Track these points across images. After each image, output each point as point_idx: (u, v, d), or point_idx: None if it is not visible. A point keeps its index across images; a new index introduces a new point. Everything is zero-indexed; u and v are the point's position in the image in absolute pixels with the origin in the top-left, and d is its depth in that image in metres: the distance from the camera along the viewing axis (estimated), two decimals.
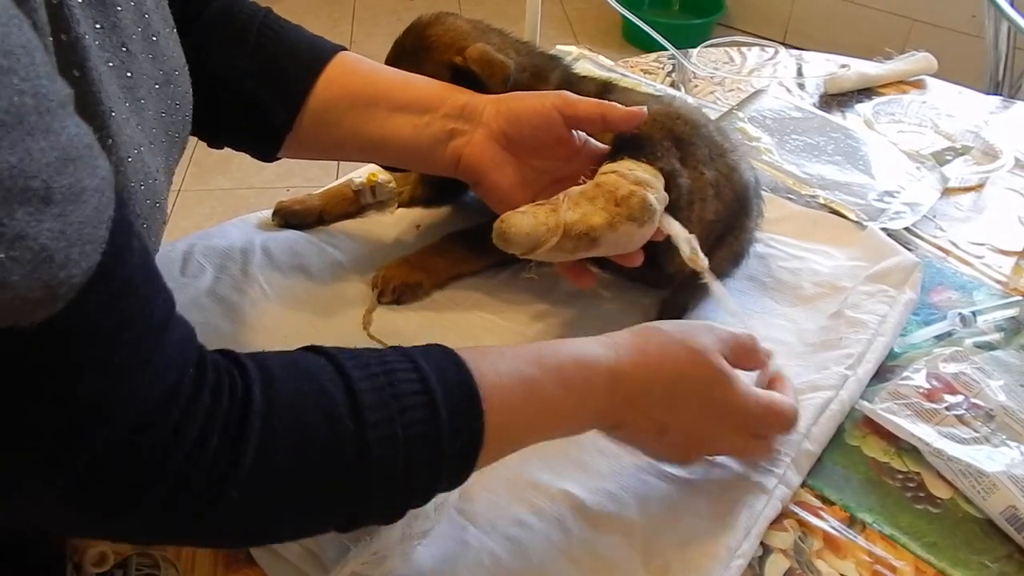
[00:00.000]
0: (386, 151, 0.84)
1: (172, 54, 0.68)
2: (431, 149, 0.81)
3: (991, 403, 0.78)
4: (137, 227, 0.48)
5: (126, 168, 0.55)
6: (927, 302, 0.92)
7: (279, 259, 0.93)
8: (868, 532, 0.70)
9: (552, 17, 3.64)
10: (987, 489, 0.70)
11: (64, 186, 0.40)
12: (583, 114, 0.79)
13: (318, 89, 0.81)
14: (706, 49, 1.42)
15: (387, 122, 0.81)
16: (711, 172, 0.81)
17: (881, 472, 0.75)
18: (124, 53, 0.59)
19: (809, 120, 1.22)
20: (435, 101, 0.82)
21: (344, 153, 0.88)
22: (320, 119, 0.82)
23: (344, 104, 0.82)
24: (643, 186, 0.73)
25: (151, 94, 0.63)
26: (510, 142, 0.80)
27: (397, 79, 0.84)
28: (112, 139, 0.53)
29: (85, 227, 0.41)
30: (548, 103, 0.79)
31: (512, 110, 0.80)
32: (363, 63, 0.84)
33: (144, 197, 0.58)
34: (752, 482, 0.70)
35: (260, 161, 0.87)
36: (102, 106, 0.52)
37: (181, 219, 2.52)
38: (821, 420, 0.76)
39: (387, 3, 3.74)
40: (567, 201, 0.72)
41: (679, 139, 0.80)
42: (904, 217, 1.03)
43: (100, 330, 0.44)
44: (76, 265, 0.41)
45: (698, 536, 0.67)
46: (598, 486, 0.71)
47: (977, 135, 1.20)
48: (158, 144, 0.64)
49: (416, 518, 0.64)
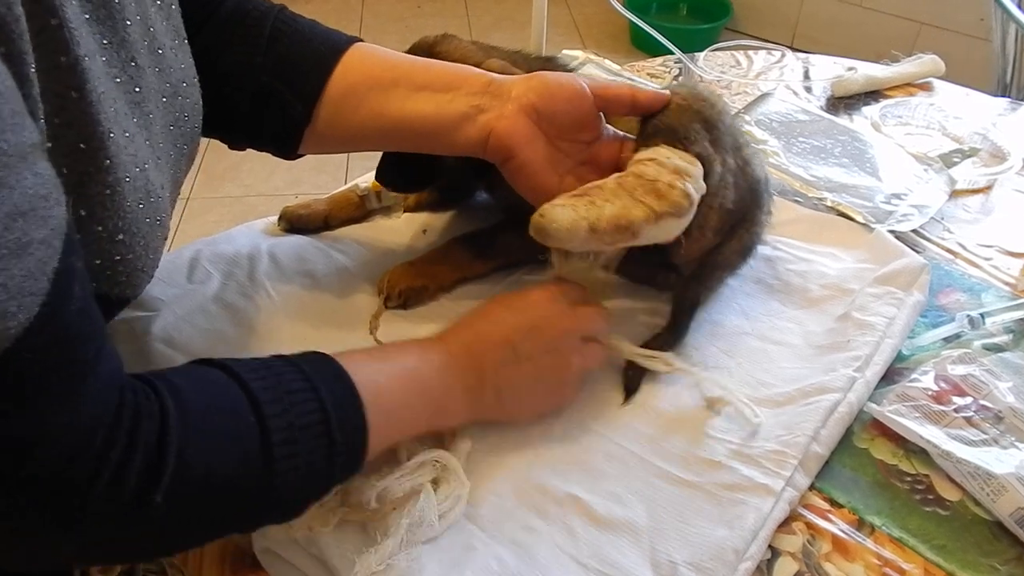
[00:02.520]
0: (409, 132, 0.80)
1: (180, 66, 0.68)
2: (457, 125, 0.77)
3: (1000, 405, 0.77)
4: (81, 271, 0.49)
5: (123, 188, 0.55)
6: (935, 304, 0.92)
7: (286, 265, 0.93)
8: (877, 535, 0.70)
9: (559, 22, 3.65)
10: (996, 491, 0.70)
11: (10, 240, 0.41)
12: (613, 94, 0.78)
13: (335, 79, 0.80)
14: (713, 53, 1.42)
15: (408, 101, 0.78)
16: (732, 160, 0.80)
17: (890, 474, 0.74)
18: (133, 68, 0.59)
19: (816, 123, 1.21)
20: (458, 79, 0.79)
21: (366, 139, 0.84)
22: (339, 107, 0.80)
23: (363, 88, 0.80)
24: (682, 176, 0.72)
25: (159, 107, 0.63)
26: (541, 118, 0.77)
27: (418, 61, 0.82)
28: (110, 159, 0.53)
29: (27, 280, 0.42)
30: (580, 86, 0.77)
31: (545, 84, 0.77)
32: (380, 50, 0.83)
33: (144, 215, 0.58)
34: (760, 484, 0.70)
35: (282, 159, 0.85)
36: (100, 127, 0.52)
37: (189, 227, 2.53)
38: (829, 422, 0.75)
39: (395, 10, 3.75)
40: (606, 192, 0.70)
41: (708, 122, 0.79)
42: (912, 219, 1.02)
43: (30, 375, 0.45)
44: (13, 317, 0.42)
45: (706, 539, 0.66)
46: (605, 489, 0.71)
47: (985, 137, 1.19)
48: (165, 158, 0.64)
49: (420, 526, 0.64)
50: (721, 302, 0.90)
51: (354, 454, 0.62)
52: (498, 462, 0.73)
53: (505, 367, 0.72)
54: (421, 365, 0.69)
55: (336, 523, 0.65)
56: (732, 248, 0.85)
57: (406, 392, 0.67)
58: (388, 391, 0.65)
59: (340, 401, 0.61)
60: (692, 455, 0.73)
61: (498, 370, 0.72)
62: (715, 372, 0.82)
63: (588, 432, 0.76)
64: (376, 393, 0.63)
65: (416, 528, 0.64)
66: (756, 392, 0.79)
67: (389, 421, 0.65)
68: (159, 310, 0.84)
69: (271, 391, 0.58)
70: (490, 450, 0.74)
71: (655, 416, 0.77)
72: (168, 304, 0.85)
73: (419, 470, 0.67)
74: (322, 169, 2.75)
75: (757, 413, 0.75)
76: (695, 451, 0.74)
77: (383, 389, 0.65)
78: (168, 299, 0.86)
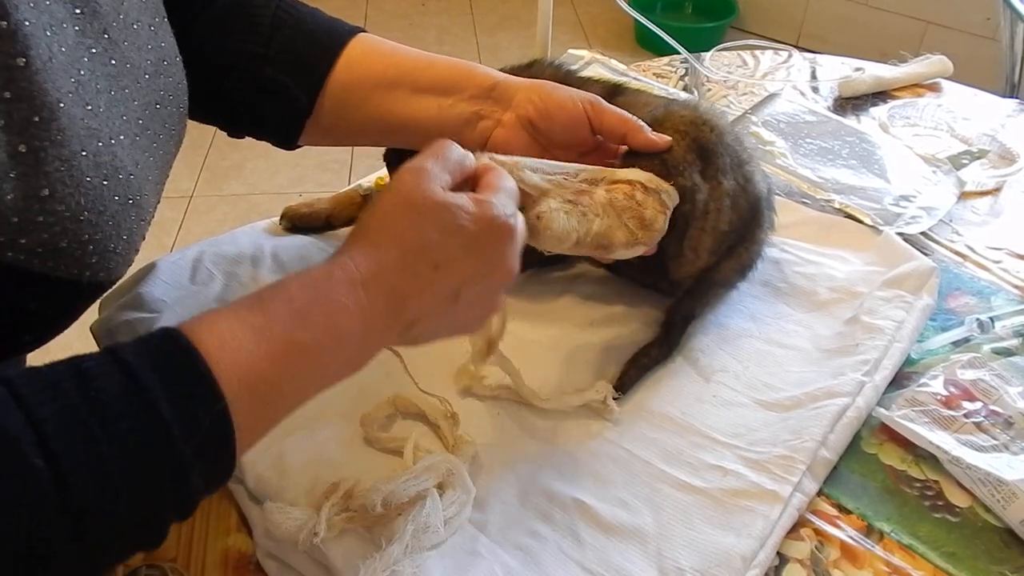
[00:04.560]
0: (410, 133, 0.81)
1: (160, 44, 0.66)
2: (457, 131, 0.78)
3: (1010, 410, 0.76)
4: None
5: (80, 163, 0.53)
6: (944, 307, 0.91)
7: (289, 266, 0.92)
8: (886, 541, 0.69)
9: (564, 21, 3.64)
10: (1007, 498, 0.69)
11: None
12: (607, 125, 0.77)
13: (338, 71, 0.79)
14: (719, 53, 1.41)
15: (410, 103, 0.79)
16: (730, 182, 0.80)
17: (899, 480, 0.74)
18: (106, 40, 0.57)
19: (823, 124, 1.21)
20: (461, 81, 0.79)
21: (367, 136, 0.85)
22: (341, 101, 0.80)
23: (367, 85, 0.80)
24: (666, 210, 0.73)
25: (139, 84, 0.62)
26: (537, 132, 0.78)
27: (421, 59, 0.82)
28: (61, 132, 0.51)
29: None
30: (579, 104, 0.77)
31: (545, 104, 0.77)
32: (383, 44, 0.83)
33: (111, 192, 0.56)
34: (768, 490, 0.69)
35: (282, 148, 0.85)
36: (48, 97, 0.50)
37: (193, 225, 2.53)
38: (838, 427, 0.75)
39: (400, 7, 3.74)
40: (596, 205, 0.71)
41: (703, 147, 0.79)
42: (920, 221, 1.02)
43: None
44: None
45: (713, 546, 0.66)
46: (611, 495, 0.70)
47: (994, 138, 1.18)
48: (145, 136, 0.62)
49: (425, 531, 0.63)
50: (728, 305, 0.89)
51: (216, 466, 0.49)
52: (504, 467, 0.72)
53: (435, 316, 0.58)
54: (322, 340, 0.53)
55: (341, 528, 0.64)
56: (730, 266, 0.85)
57: (293, 375, 0.52)
58: (262, 377, 0.50)
59: (186, 400, 0.46)
60: (699, 461, 0.73)
61: (426, 317, 0.58)
62: (722, 375, 0.81)
63: (594, 437, 0.75)
64: (245, 384, 0.48)
65: (421, 534, 0.63)
66: (763, 396, 0.79)
67: (265, 412, 0.52)
68: (162, 311, 0.84)
69: (63, 410, 0.43)
70: (496, 455, 0.73)
71: (662, 421, 0.77)
72: (171, 305, 0.85)
73: (424, 475, 0.66)
74: (326, 167, 2.74)
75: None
76: (702, 457, 0.73)
77: (256, 374, 0.49)
78: (171, 300, 0.86)
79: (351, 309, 0.53)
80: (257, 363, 0.49)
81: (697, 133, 0.79)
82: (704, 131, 0.80)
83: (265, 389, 0.50)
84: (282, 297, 0.52)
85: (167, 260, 0.91)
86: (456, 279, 0.57)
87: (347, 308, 0.53)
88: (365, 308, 0.54)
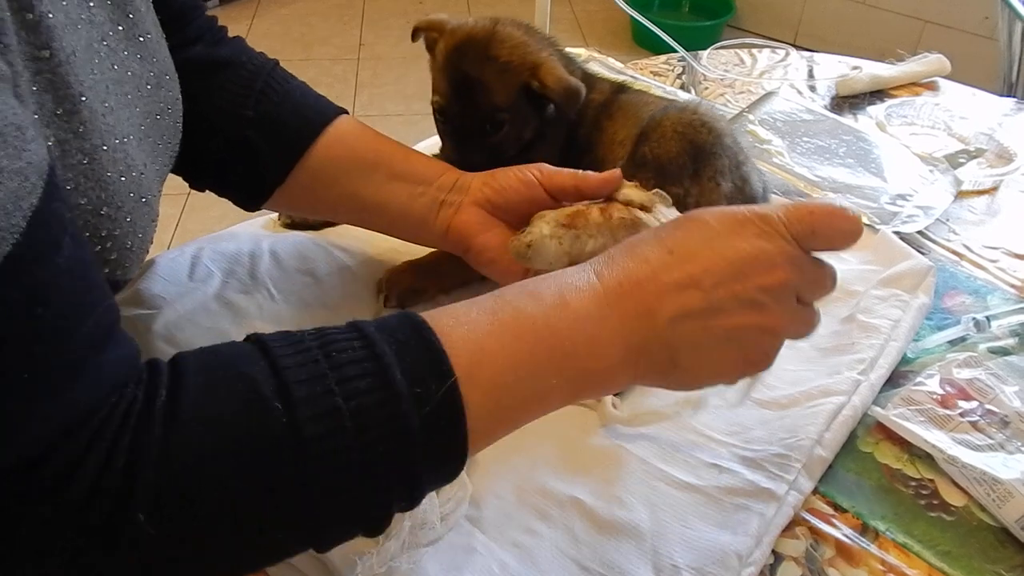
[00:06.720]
0: (380, 216, 0.83)
1: (163, 58, 0.67)
2: (423, 217, 0.81)
3: (1006, 409, 0.77)
4: (77, 231, 0.44)
5: (101, 158, 0.53)
6: (940, 306, 0.91)
7: (287, 263, 0.92)
8: (881, 540, 0.69)
9: (561, 19, 3.64)
10: (1002, 497, 0.69)
11: None
12: (558, 186, 0.77)
13: (318, 147, 0.81)
14: (716, 51, 1.41)
15: (384, 187, 0.81)
16: (728, 184, 0.80)
17: (894, 479, 0.74)
18: (105, 48, 0.58)
19: (820, 122, 1.21)
20: (432, 175, 0.81)
21: (333, 212, 0.89)
22: (317, 176, 0.82)
23: (345, 165, 0.82)
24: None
25: (141, 93, 0.63)
26: (495, 208, 0.79)
27: (399, 150, 0.84)
28: (83, 125, 0.52)
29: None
30: (530, 177, 0.78)
31: (499, 184, 0.79)
32: (367, 128, 0.85)
33: (127, 189, 0.56)
34: (763, 488, 0.70)
35: (242, 208, 0.86)
36: (71, 89, 0.51)
37: (191, 222, 2.53)
38: (833, 426, 0.75)
39: (397, 5, 3.74)
40: (591, 226, 0.71)
41: (700, 149, 0.79)
42: (917, 220, 1.02)
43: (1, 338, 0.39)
44: None
45: (709, 543, 0.66)
46: (607, 492, 0.70)
47: (991, 137, 1.19)
48: (147, 143, 0.63)
49: (422, 527, 0.63)
50: None
51: (445, 446, 0.49)
52: (500, 464, 0.72)
53: (688, 320, 0.54)
54: (552, 314, 0.53)
55: None
56: None
57: (528, 355, 0.52)
58: (494, 356, 0.51)
59: (418, 372, 0.48)
60: (695, 459, 0.73)
61: (676, 323, 0.54)
62: None
63: (591, 435, 0.75)
64: (476, 361, 0.50)
65: (418, 530, 0.63)
66: (759, 394, 0.79)
67: (499, 399, 0.51)
68: (160, 308, 0.84)
69: (304, 364, 0.47)
70: (492, 452, 0.73)
71: (658, 419, 0.77)
72: (169, 302, 0.85)
73: None
74: None
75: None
76: (698, 455, 0.73)
77: (488, 353, 0.50)
78: (169, 297, 0.86)
79: (583, 289, 0.54)
80: (485, 340, 0.51)
81: (694, 135, 0.79)
82: (701, 133, 0.80)
83: (494, 368, 0.51)
84: (518, 286, 0.55)
85: (165, 257, 0.91)
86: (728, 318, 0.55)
87: (579, 288, 0.54)
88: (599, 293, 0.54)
